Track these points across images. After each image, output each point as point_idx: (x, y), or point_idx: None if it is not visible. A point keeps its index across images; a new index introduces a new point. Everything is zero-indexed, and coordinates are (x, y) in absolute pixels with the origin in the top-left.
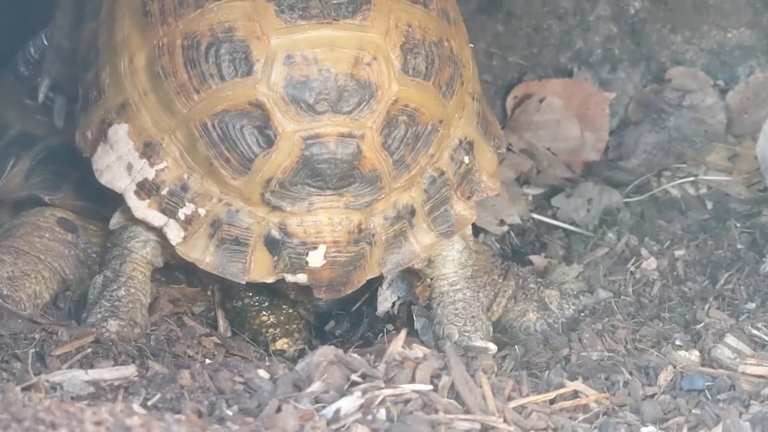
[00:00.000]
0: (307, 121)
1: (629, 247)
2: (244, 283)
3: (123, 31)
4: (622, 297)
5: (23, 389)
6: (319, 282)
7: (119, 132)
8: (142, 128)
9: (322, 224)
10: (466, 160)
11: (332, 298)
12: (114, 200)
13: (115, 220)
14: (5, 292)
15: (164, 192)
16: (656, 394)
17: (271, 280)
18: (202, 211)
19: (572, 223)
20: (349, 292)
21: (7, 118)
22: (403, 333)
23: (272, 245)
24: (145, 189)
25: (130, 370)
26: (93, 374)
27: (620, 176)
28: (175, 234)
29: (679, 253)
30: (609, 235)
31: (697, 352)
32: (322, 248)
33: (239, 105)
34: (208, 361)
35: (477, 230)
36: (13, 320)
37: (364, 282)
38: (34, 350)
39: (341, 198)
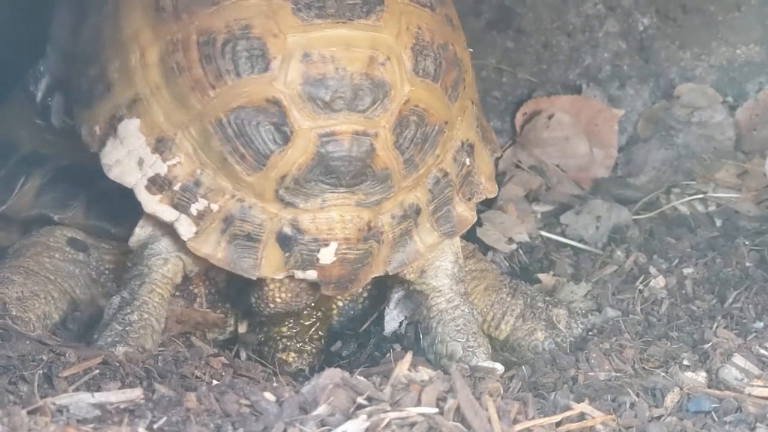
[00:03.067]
0: (322, 119)
1: (638, 265)
2: (254, 278)
3: (132, 26)
4: (631, 316)
5: (29, 412)
6: (328, 279)
7: (130, 127)
8: (154, 123)
9: (334, 221)
10: (468, 161)
11: (339, 295)
12: (126, 218)
13: (135, 238)
14: (14, 313)
15: (176, 187)
16: (663, 415)
17: (281, 275)
18: (214, 207)
19: (581, 241)
20: (355, 289)
21: (17, 137)
22: (409, 355)
23: (284, 241)
24: (157, 184)
25: (136, 393)
26: (99, 397)
27: (629, 193)
28: (186, 229)
29: (687, 271)
30: (618, 253)
31: (704, 373)
32: (333, 245)
33: (256, 101)
34: (215, 382)
35: (486, 248)
36: (21, 341)
37: (370, 279)
38: (41, 372)
39: (353, 196)
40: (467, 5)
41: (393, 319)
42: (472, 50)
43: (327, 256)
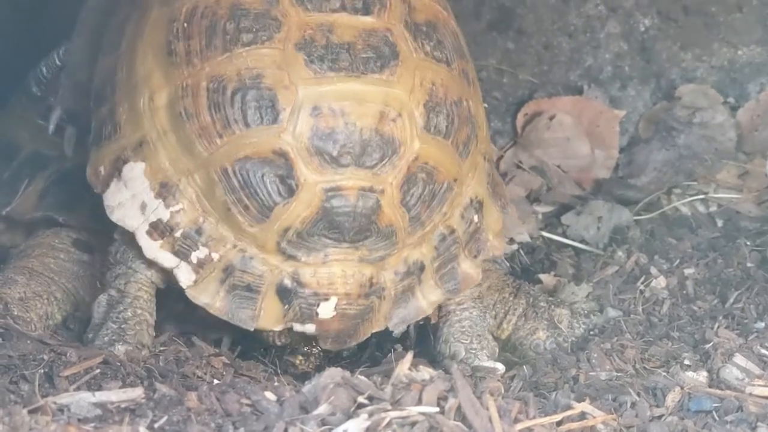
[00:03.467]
0: (329, 173)
1: (639, 265)
2: (252, 330)
3: (144, 68)
4: (632, 316)
5: (30, 412)
6: (326, 333)
7: (135, 170)
8: (159, 168)
9: (336, 276)
10: (476, 219)
11: (336, 349)
12: None
13: (119, 236)
14: (16, 313)
15: (178, 234)
16: (664, 415)
17: (279, 328)
18: (215, 256)
19: (582, 241)
20: (354, 344)
21: (19, 139)
22: (409, 355)
23: (284, 294)
24: (158, 230)
25: (137, 392)
26: (100, 396)
27: (630, 194)
28: (186, 277)
29: (688, 271)
30: (619, 254)
31: (705, 373)
32: (333, 300)
33: (262, 153)
34: (216, 382)
35: None
36: (22, 341)
37: (369, 335)
38: (42, 371)
39: (356, 251)
40: (468, 7)
41: None
42: (486, 106)
43: (326, 310)
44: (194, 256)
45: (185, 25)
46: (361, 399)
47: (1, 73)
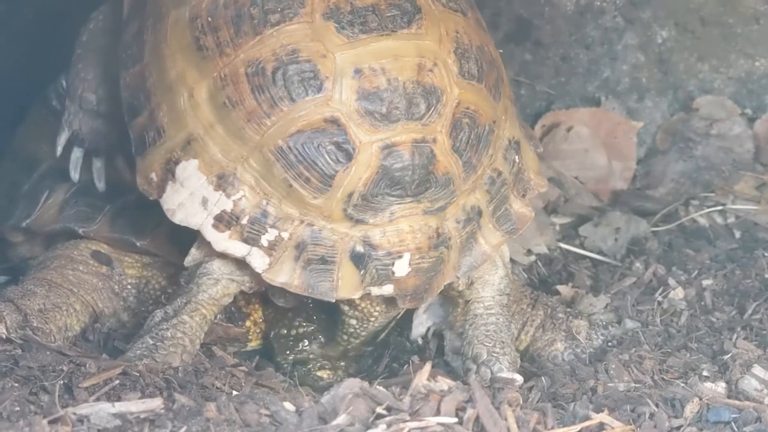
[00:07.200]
0: (382, 131)
1: (657, 276)
2: (333, 300)
3: (176, 69)
4: (650, 327)
5: (50, 422)
6: (404, 291)
7: (188, 168)
8: (212, 161)
9: (404, 232)
10: (516, 159)
11: (414, 306)
12: (150, 231)
13: (191, 257)
14: (35, 324)
15: (244, 221)
16: (682, 426)
17: (358, 294)
18: (285, 235)
19: (600, 253)
20: (430, 299)
21: (39, 151)
22: (428, 365)
23: (358, 259)
24: (224, 221)
25: (156, 403)
26: (119, 407)
27: (648, 205)
28: (259, 262)
29: (706, 282)
30: (636, 265)
31: (723, 384)
32: (406, 256)
33: (314, 124)
34: (234, 392)
35: None
36: (41, 352)
37: (443, 287)
38: (62, 382)
39: (419, 204)
40: (485, 17)
41: (421, 323)
42: (501, 51)
43: (402, 268)
44: (264, 240)
45: (209, 19)
46: (379, 410)
47: (22, 86)
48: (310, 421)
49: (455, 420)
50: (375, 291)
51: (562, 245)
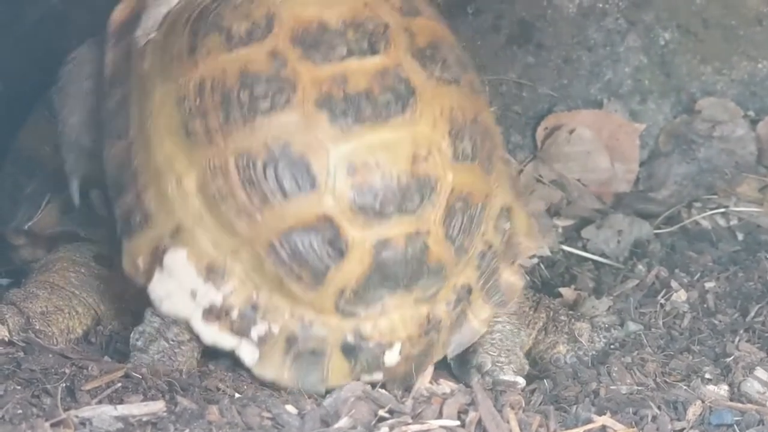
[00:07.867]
0: (375, 227)
1: (659, 279)
2: (322, 392)
3: (163, 153)
4: (653, 329)
5: (52, 425)
6: (394, 377)
7: (177, 258)
8: (201, 252)
9: (396, 322)
10: (507, 226)
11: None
12: None
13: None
14: (37, 327)
15: (234, 315)
16: (685, 428)
17: (347, 383)
18: (275, 328)
19: (602, 255)
20: (420, 380)
21: (42, 153)
22: (430, 368)
23: (349, 351)
24: (213, 313)
25: (158, 406)
26: (122, 410)
27: (650, 208)
28: (249, 356)
29: (709, 285)
30: (639, 267)
31: (726, 386)
32: (397, 345)
33: (307, 221)
34: (237, 395)
35: None
36: (44, 355)
37: (432, 366)
38: (64, 385)
39: (411, 294)
40: (487, 21)
41: None
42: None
43: (392, 357)
44: (254, 333)
45: (197, 101)
46: (381, 412)
47: (24, 90)
48: (312, 424)
49: (457, 423)
50: (365, 378)
51: (565, 248)
